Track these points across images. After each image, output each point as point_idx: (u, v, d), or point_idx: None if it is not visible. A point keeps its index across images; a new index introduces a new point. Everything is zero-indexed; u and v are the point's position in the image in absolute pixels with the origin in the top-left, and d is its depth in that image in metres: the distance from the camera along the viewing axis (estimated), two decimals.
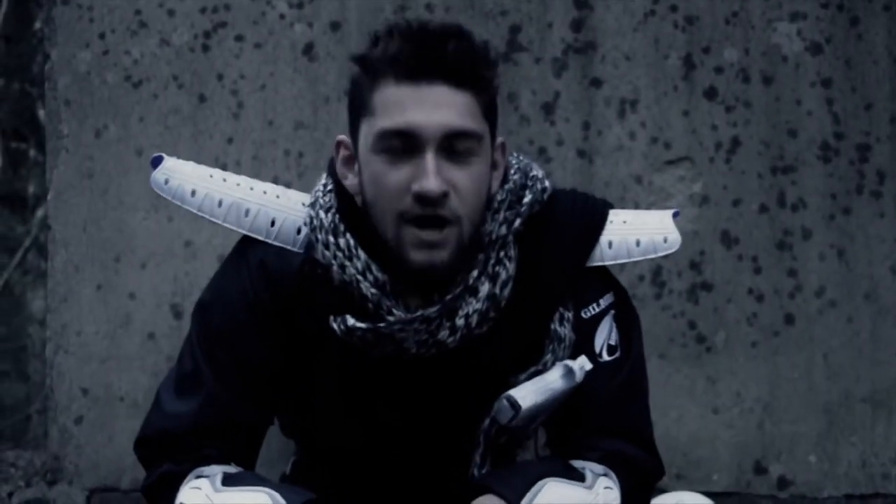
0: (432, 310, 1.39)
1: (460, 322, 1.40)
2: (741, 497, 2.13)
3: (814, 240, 2.14)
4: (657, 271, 2.14)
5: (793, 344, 2.14)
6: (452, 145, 1.36)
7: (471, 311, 1.40)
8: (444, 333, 1.40)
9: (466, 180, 1.37)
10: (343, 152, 1.44)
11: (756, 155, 2.15)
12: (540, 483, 1.38)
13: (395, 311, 1.39)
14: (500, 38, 2.14)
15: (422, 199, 1.35)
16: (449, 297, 1.39)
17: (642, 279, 2.14)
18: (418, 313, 1.39)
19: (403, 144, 1.36)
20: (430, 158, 1.35)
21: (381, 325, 1.39)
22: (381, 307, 1.39)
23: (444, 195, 1.35)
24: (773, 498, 2.14)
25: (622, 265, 2.08)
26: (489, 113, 1.40)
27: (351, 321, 1.39)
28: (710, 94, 2.15)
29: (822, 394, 2.14)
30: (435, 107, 1.35)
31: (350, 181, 1.44)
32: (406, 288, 1.41)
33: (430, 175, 1.34)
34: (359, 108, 1.39)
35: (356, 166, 1.42)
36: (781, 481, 2.14)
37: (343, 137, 1.45)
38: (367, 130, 1.38)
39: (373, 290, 1.39)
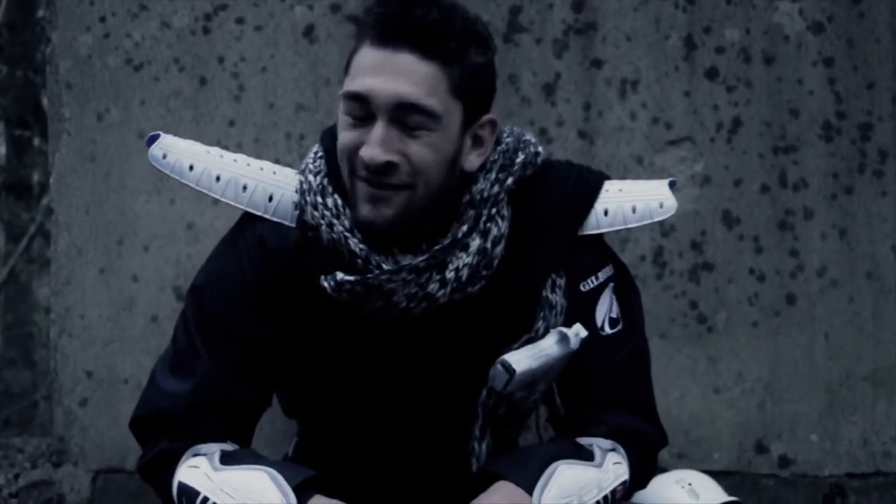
0: (419, 259, 1.39)
1: (450, 275, 1.40)
2: (742, 476, 2.14)
3: (815, 219, 2.14)
4: (658, 251, 2.14)
5: (794, 323, 2.14)
6: (404, 117, 1.36)
7: (461, 264, 1.41)
8: (433, 286, 1.40)
9: (418, 151, 1.37)
10: (339, 110, 1.47)
11: (757, 135, 2.14)
12: (552, 467, 1.39)
13: (383, 265, 1.40)
14: (501, 18, 2.13)
15: (365, 166, 1.37)
16: (437, 247, 1.40)
17: (644, 259, 2.14)
18: (406, 263, 1.40)
19: (360, 110, 1.37)
20: (378, 127, 1.36)
21: (369, 276, 1.40)
22: (369, 261, 1.40)
23: (388, 164, 1.36)
24: (775, 477, 2.15)
25: (624, 240, 2.10)
26: (464, 88, 1.38)
27: (340, 275, 1.40)
28: (712, 74, 2.14)
29: (824, 373, 2.14)
30: (393, 74, 1.35)
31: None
32: (397, 247, 1.41)
33: (374, 145, 1.36)
34: (347, 65, 1.42)
35: None
36: (783, 460, 2.15)
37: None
38: (343, 90, 1.41)
39: (361, 246, 1.40)
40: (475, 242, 1.42)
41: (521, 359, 1.42)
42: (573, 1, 2.14)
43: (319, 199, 1.43)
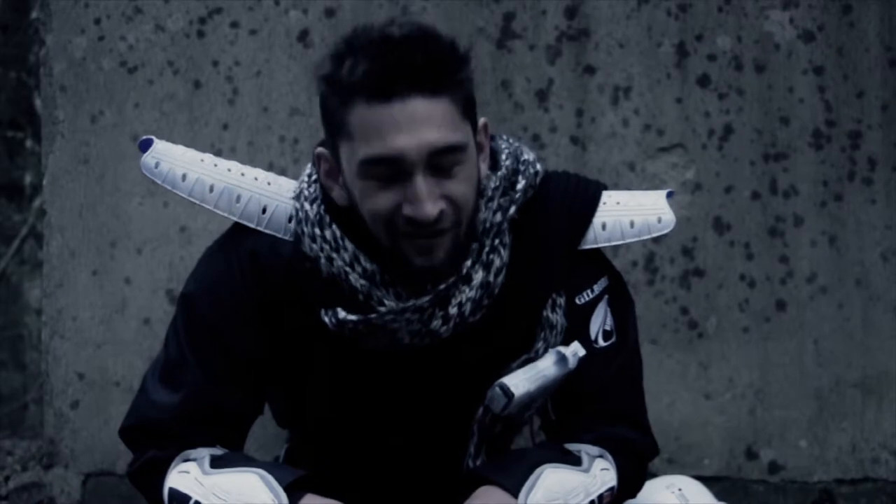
0: (424, 299, 1.37)
1: (453, 311, 1.38)
2: (732, 481, 2.15)
3: (805, 226, 2.15)
4: (650, 257, 2.15)
5: (784, 330, 2.15)
6: (439, 162, 1.31)
7: (464, 299, 1.39)
8: (436, 323, 1.39)
9: (460, 189, 1.33)
10: (324, 166, 1.40)
11: (748, 142, 2.16)
12: (538, 470, 1.39)
13: (385, 301, 1.38)
14: (495, 25, 2.14)
15: (415, 222, 1.32)
16: (442, 286, 1.37)
17: (635, 265, 2.15)
18: (410, 303, 1.37)
19: (389, 170, 1.31)
20: (419, 182, 1.30)
21: (373, 316, 1.37)
22: (371, 298, 1.38)
23: (439, 215, 1.32)
24: (764, 482, 2.15)
25: (616, 247, 2.11)
26: (468, 110, 1.36)
27: (342, 314, 1.38)
28: (703, 81, 2.16)
29: (813, 379, 2.15)
30: (414, 126, 1.29)
31: (337, 193, 1.39)
32: (397, 276, 1.39)
33: (424, 201, 1.30)
34: (335, 128, 1.35)
35: (341, 180, 1.38)
36: (772, 466, 2.15)
37: (322, 151, 1.40)
38: (349, 155, 1.34)
39: (362, 282, 1.37)
40: (478, 276, 1.39)
41: (520, 382, 1.40)
42: (566, 8, 2.15)
43: (317, 231, 1.39)
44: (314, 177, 1.43)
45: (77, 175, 2.15)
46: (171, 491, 1.39)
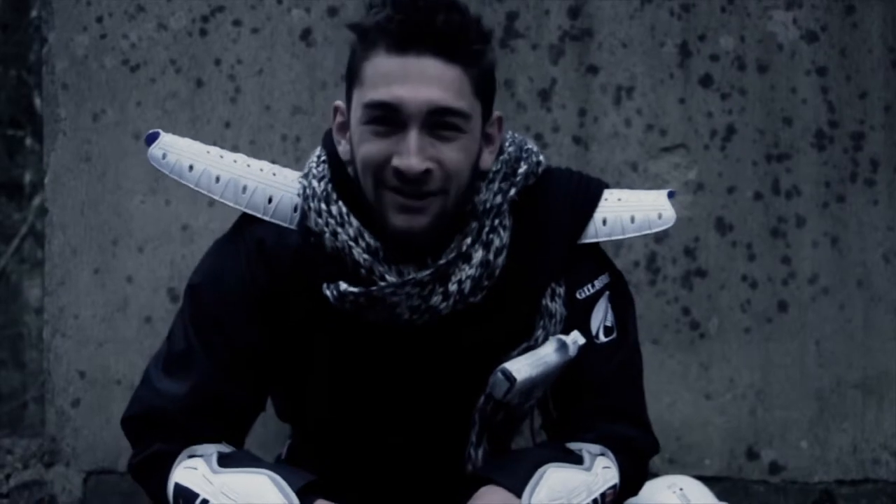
0: (424, 273, 1.39)
1: (453, 288, 1.40)
2: (733, 482, 2.15)
3: (807, 227, 2.16)
4: (652, 257, 2.15)
5: (785, 330, 2.15)
6: (437, 122, 1.35)
7: (464, 276, 1.40)
8: (436, 299, 1.40)
9: (452, 155, 1.36)
10: (338, 118, 1.45)
11: (751, 142, 2.16)
12: (541, 470, 1.39)
13: (387, 276, 1.39)
14: (498, 24, 2.14)
15: (401, 175, 1.35)
16: (442, 261, 1.39)
17: (637, 265, 2.15)
18: (410, 277, 1.39)
19: (387, 117, 1.35)
20: (412, 136, 1.34)
21: (374, 288, 1.39)
22: (373, 272, 1.39)
23: (426, 172, 1.35)
24: (765, 483, 2.16)
25: (617, 246, 2.11)
26: (481, 88, 1.39)
27: (343, 286, 1.39)
28: (706, 81, 2.16)
29: (814, 380, 2.15)
30: (421, 81, 1.33)
31: (343, 148, 1.44)
32: (400, 255, 1.40)
33: (412, 154, 1.34)
34: (352, 76, 1.39)
35: (348, 134, 1.43)
36: (773, 466, 2.16)
37: (339, 103, 1.45)
38: (357, 100, 1.38)
39: (365, 256, 1.39)
40: (478, 254, 1.41)
41: (521, 367, 1.42)
42: (569, 7, 2.15)
43: (323, 206, 1.41)
44: (322, 157, 1.46)
45: (79, 173, 2.15)
46: (178, 487, 1.39)
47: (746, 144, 2.16)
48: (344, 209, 1.41)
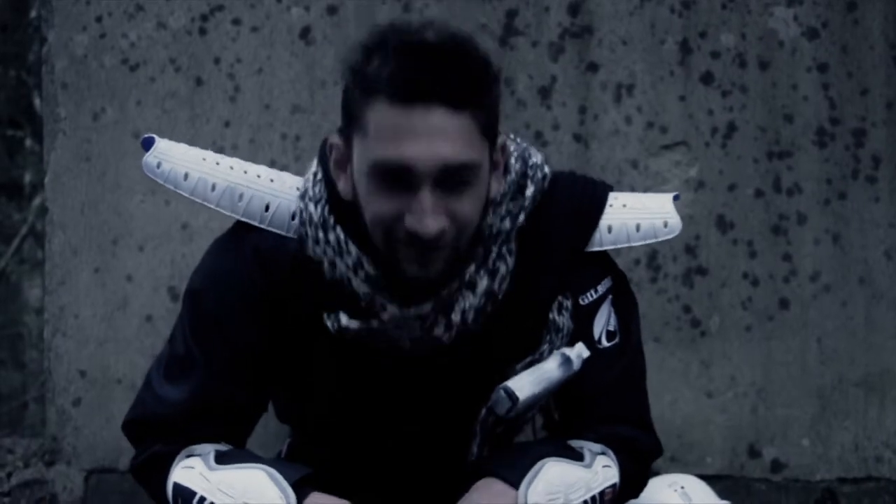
0: (426, 306, 1.36)
1: (456, 318, 1.38)
2: (735, 480, 2.14)
3: (809, 224, 2.15)
4: (652, 255, 2.15)
5: (787, 328, 2.15)
6: (449, 178, 1.28)
7: (467, 306, 1.38)
8: (439, 330, 1.38)
9: (465, 208, 1.31)
10: (335, 154, 1.38)
11: (752, 140, 2.15)
12: (539, 463, 1.38)
13: (388, 307, 1.37)
14: (497, 21, 2.14)
15: (415, 236, 1.29)
16: (445, 292, 1.37)
17: (638, 263, 2.14)
18: (412, 311, 1.36)
19: (397, 177, 1.29)
20: (425, 196, 1.28)
21: (375, 323, 1.37)
22: (373, 304, 1.37)
23: (440, 232, 1.29)
24: (767, 481, 2.15)
25: (619, 249, 2.10)
26: (489, 129, 1.32)
27: (344, 320, 1.37)
28: (707, 78, 2.15)
29: (816, 378, 2.15)
30: (430, 137, 1.26)
31: (342, 185, 1.37)
32: (400, 283, 1.37)
33: (426, 215, 1.28)
34: (351, 119, 1.33)
35: (349, 171, 1.36)
36: (775, 464, 2.15)
37: (334, 140, 1.38)
38: (361, 150, 1.32)
39: (364, 288, 1.36)
40: (483, 283, 1.38)
41: (524, 385, 1.40)
42: (569, 5, 2.15)
43: (321, 234, 1.38)
44: (319, 176, 1.41)
45: (79, 173, 2.15)
46: (176, 486, 1.39)
47: (747, 142, 2.15)
48: (342, 236, 1.37)
